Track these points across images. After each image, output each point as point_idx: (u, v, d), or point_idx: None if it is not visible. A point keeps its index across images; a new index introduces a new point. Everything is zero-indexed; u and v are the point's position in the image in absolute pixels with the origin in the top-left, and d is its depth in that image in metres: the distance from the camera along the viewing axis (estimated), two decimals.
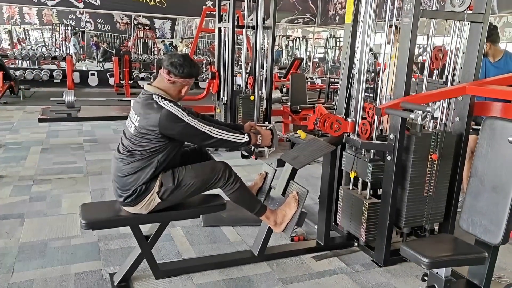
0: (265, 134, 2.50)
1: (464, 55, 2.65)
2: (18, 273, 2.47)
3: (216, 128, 2.29)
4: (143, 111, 2.23)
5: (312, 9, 14.95)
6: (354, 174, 2.74)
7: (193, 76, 2.34)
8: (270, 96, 5.61)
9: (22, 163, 4.59)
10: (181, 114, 2.21)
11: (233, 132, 2.35)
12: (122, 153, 2.29)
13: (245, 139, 2.37)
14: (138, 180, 2.23)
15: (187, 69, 2.28)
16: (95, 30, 20.16)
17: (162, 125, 2.18)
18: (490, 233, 1.97)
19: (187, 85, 2.34)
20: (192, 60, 2.37)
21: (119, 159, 2.29)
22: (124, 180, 2.25)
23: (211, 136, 2.27)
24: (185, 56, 2.34)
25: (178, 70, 2.26)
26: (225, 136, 2.31)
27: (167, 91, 2.30)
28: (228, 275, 2.54)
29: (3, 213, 3.27)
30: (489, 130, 2.05)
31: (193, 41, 10.30)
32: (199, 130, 2.24)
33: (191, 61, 2.34)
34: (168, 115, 2.18)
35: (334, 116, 2.73)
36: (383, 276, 2.60)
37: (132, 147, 2.25)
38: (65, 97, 7.33)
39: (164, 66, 2.30)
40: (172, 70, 2.27)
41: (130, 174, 2.24)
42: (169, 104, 2.21)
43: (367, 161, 2.64)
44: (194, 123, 2.23)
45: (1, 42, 19.51)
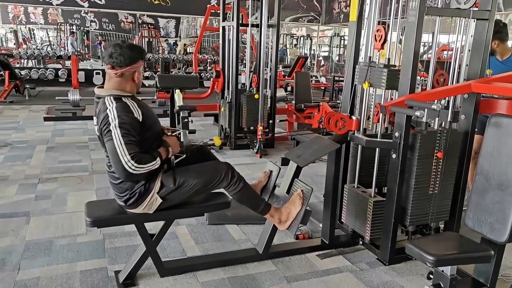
0: (171, 143, 2.28)
1: (469, 52, 2.63)
2: (24, 271, 2.48)
3: (135, 162, 2.03)
4: (98, 118, 2.15)
5: (317, 7, 14.92)
6: (367, 85, 2.63)
7: (138, 59, 2.19)
8: (274, 95, 5.61)
9: (28, 161, 4.62)
10: (114, 123, 2.04)
11: (148, 160, 2.10)
12: (108, 161, 2.24)
13: (157, 163, 2.13)
14: (134, 184, 2.20)
15: (127, 54, 2.14)
16: (100, 29, 20.24)
17: (101, 129, 2.10)
18: (496, 231, 1.96)
19: (135, 71, 2.20)
20: (130, 44, 2.26)
21: (108, 166, 2.26)
22: (120, 186, 2.23)
23: (126, 170, 2.03)
24: (121, 44, 2.18)
25: (119, 59, 2.13)
26: (141, 170, 2.06)
27: (121, 86, 2.18)
28: (233, 273, 2.54)
29: (9, 212, 3.29)
30: (495, 127, 2.04)
31: (197, 40, 10.30)
32: (117, 154, 2.03)
33: (128, 45, 2.22)
34: (105, 119, 2.08)
35: (339, 114, 2.72)
36: (388, 274, 2.59)
37: (107, 154, 2.18)
38: (70, 96, 7.38)
39: (105, 62, 2.18)
40: (115, 63, 2.14)
41: (123, 180, 2.19)
42: (113, 108, 2.08)
43: (381, 68, 2.55)
44: (118, 142, 2.03)
45: (7, 42, 19.62)
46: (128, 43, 2.28)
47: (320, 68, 16.80)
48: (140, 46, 2.27)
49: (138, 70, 2.23)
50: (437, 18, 2.62)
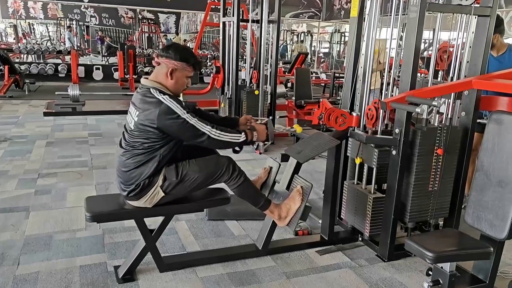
0: (259, 129, 2.45)
1: (470, 49, 2.63)
2: (23, 266, 2.49)
3: (215, 129, 2.23)
4: (142, 106, 2.21)
5: (317, 3, 14.89)
6: (359, 160, 2.71)
7: (178, 59, 2.25)
8: (274, 91, 5.60)
9: (28, 156, 4.61)
10: (180, 110, 2.16)
11: (230, 132, 2.30)
12: (124, 147, 2.28)
13: (242, 138, 2.33)
14: (141, 174, 2.23)
15: (172, 50, 2.27)
16: (100, 24, 20.18)
17: (160, 121, 2.15)
18: (496, 228, 1.96)
19: (175, 70, 2.25)
20: (183, 47, 2.41)
21: (121, 154, 2.28)
22: (128, 174, 2.25)
23: (210, 136, 2.22)
24: (179, 45, 2.35)
25: (164, 51, 2.26)
26: (225, 138, 2.26)
27: (161, 79, 2.27)
28: (232, 268, 2.55)
29: (9, 206, 3.29)
30: (496, 124, 2.03)
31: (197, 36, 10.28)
32: (198, 130, 2.20)
33: (183, 47, 2.37)
34: (166, 111, 2.15)
35: (339, 110, 2.72)
36: (387, 270, 2.60)
37: (133, 141, 2.24)
38: (70, 91, 7.37)
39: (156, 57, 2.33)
40: (160, 53, 2.28)
41: (133, 168, 2.24)
42: (168, 99, 2.17)
43: (373, 147, 2.61)
44: (193, 122, 2.19)
45: (7, 36, 19.57)
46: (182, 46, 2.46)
47: (320, 65, 16.78)
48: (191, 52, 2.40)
49: (178, 70, 2.27)
50: (438, 14, 2.61)
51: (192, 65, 2.30)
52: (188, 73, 2.31)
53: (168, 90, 2.27)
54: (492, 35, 2.59)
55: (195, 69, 2.34)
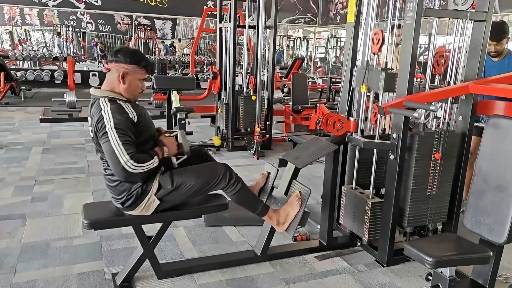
0: (168, 143, 2.26)
1: (467, 54, 2.64)
2: (20, 274, 2.46)
3: (133, 160, 2.02)
4: (92, 119, 2.14)
5: (313, 9, 14.96)
6: (365, 88, 2.64)
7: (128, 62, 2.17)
8: (271, 96, 5.62)
9: (24, 163, 4.59)
10: (109, 123, 2.04)
11: (146, 160, 2.08)
12: (103, 163, 2.24)
13: (155, 162, 2.12)
14: (131, 186, 2.19)
15: (121, 53, 2.19)
16: (96, 30, 20.19)
17: (96, 131, 2.09)
18: (495, 232, 1.96)
19: (125, 72, 2.17)
20: (133, 50, 2.35)
21: (104, 169, 2.25)
22: (117, 188, 2.21)
23: (124, 168, 2.02)
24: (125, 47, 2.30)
25: (113, 55, 2.19)
26: (140, 169, 2.06)
27: (111, 85, 2.19)
28: (230, 275, 2.53)
29: (5, 214, 3.27)
30: (493, 128, 2.04)
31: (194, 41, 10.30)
32: (115, 155, 2.02)
33: (129, 49, 2.32)
34: (98, 120, 2.07)
35: (337, 116, 2.72)
36: (386, 275, 2.59)
37: (103, 156, 2.18)
38: (66, 98, 7.35)
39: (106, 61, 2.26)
40: (109, 58, 2.21)
41: (121, 182, 2.18)
42: (107, 109, 2.08)
43: (379, 71, 2.56)
44: (114, 144, 2.02)
45: (2, 43, 19.54)
46: (132, 49, 2.39)
47: (317, 70, 16.83)
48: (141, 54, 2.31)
49: (129, 74, 2.19)
50: (434, 19, 2.63)
51: (144, 67, 2.23)
52: (140, 76, 2.24)
53: (121, 96, 2.20)
54: (488, 39, 2.61)
55: (147, 71, 2.26)
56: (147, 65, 2.25)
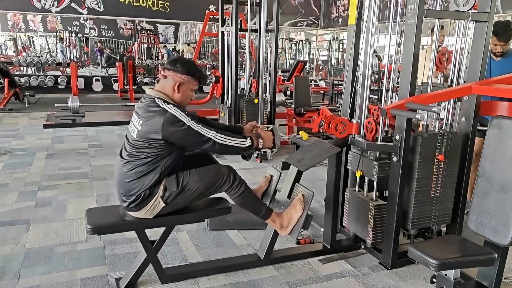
0: (266, 136, 2.46)
1: (469, 54, 2.63)
2: (24, 279, 2.47)
3: (220, 134, 2.25)
4: (146, 115, 2.22)
5: (315, 11, 14.96)
6: (360, 173, 2.72)
7: (185, 72, 2.29)
8: (274, 99, 5.61)
9: (28, 169, 4.60)
10: (185, 118, 2.19)
11: (236, 137, 2.32)
12: (125, 158, 2.28)
13: (247, 143, 2.34)
14: (142, 185, 2.22)
15: (179, 64, 2.30)
16: (99, 36, 20.27)
17: (165, 130, 2.16)
18: (499, 234, 1.94)
19: (182, 83, 2.29)
20: (190, 61, 2.44)
21: (122, 165, 2.28)
22: (129, 185, 2.24)
23: (216, 142, 2.23)
24: (186, 59, 2.39)
25: (172, 65, 2.29)
26: (229, 142, 2.28)
27: (167, 91, 2.29)
28: (234, 279, 2.53)
29: (9, 219, 3.28)
30: (497, 129, 2.03)
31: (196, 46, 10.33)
32: (203, 135, 2.21)
33: (190, 62, 2.41)
34: (171, 119, 2.17)
35: (339, 118, 2.71)
36: (390, 278, 2.58)
37: (135, 152, 2.24)
38: (69, 103, 7.37)
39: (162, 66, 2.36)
40: (167, 66, 2.31)
41: (134, 179, 2.23)
42: (172, 108, 2.20)
43: (373, 160, 2.62)
44: (198, 128, 2.20)
45: (6, 49, 19.65)
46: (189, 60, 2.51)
47: (319, 72, 16.82)
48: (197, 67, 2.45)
49: (184, 84, 2.31)
50: (436, 20, 2.62)
51: (198, 79, 2.36)
52: (193, 87, 2.36)
53: (171, 99, 2.30)
54: (490, 40, 2.60)
55: (200, 82, 2.39)
56: (201, 77, 2.37)
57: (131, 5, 12.49)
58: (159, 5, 12.78)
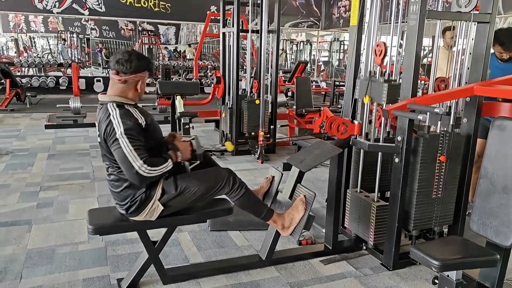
0: (182, 148, 2.28)
1: (471, 55, 2.63)
2: (26, 280, 2.47)
3: (146, 164, 2.05)
4: (100, 124, 2.15)
5: (316, 12, 14.96)
6: (368, 99, 2.64)
7: (142, 69, 2.19)
8: (275, 100, 5.62)
9: (29, 169, 4.61)
10: (119, 129, 2.05)
11: (159, 163, 2.12)
12: (107, 169, 2.26)
13: (170, 165, 2.16)
14: (135, 192, 2.19)
15: (134, 63, 2.15)
16: (100, 36, 20.30)
17: (106, 138, 2.09)
18: (502, 235, 1.94)
19: (140, 80, 2.20)
20: (139, 53, 2.27)
21: (108, 175, 2.26)
22: (121, 194, 2.22)
23: (139, 173, 2.04)
24: (130, 51, 2.21)
25: (125, 66, 2.14)
26: (154, 173, 2.09)
27: (123, 93, 2.18)
28: (236, 279, 2.52)
29: (11, 220, 3.28)
30: (499, 130, 2.03)
31: (197, 46, 10.33)
32: (128, 161, 2.04)
33: (137, 54, 2.23)
34: (108, 128, 2.07)
35: (341, 119, 2.71)
36: (392, 279, 2.57)
37: (109, 163, 2.21)
38: (71, 104, 7.38)
39: (111, 68, 2.19)
40: (119, 69, 2.15)
41: (123, 188, 2.20)
42: (116, 115, 2.08)
43: (382, 82, 2.54)
44: (127, 150, 2.03)
45: (8, 50, 19.68)
46: (137, 52, 2.29)
47: (320, 73, 16.82)
48: (148, 58, 2.31)
49: (143, 80, 2.23)
50: (438, 21, 2.62)
51: (151, 70, 2.26)
52: (146, 79, 2.27)
53: (130, 100, 2.21)
54: (492, 41, 2.60)
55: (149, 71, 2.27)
56: (153, 67, 2.26)
57: (132, 6, 12.50)
58: (160, 6, 12.79)
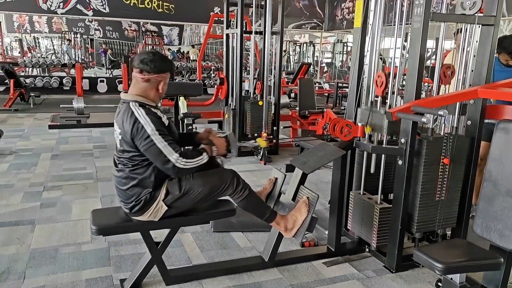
0: (218, 143, 2.35)
1: (475, 58, 2.62)
2: (29, 279, 2.47)
3: (182, 157, 2.12)
4: (122, 123, 2.18)
5: (320, 14, 14.97)
6: (369, 129, 2.66)
7: (165, 70, 2.24)
8: (278, 101, 5.62)
9: (33, 169, 4.62)
10: (151, 128, 2.09)
11: (194, 156, 2.18)
12: (117, 166, 2.27)
13: (205, 159, 2.22)
14: (140, 190, 2.21)
15: (158, 63, 2.20)
16: (103, 37, 20.36)
17: (133, 138, 2.12)
18: (506, 238, 1.93)
19: (162, 81, 2.24)
20: (163, 55, 2.33)
21: (116, 172, 2.28)
22: (127, 192, 2.23)
23: (175, 166, 2.11)
24: (155, 52, 2.27)
25: (149, 66, 2.17)
26: (190, 165, 2.15)
27: (144, 93, 2.21)
28: (238, 281, 2.52)
29: (15, 220, 3.29)
30: (503, 133, 2.02)
31: (201, 47, 10.35)
32: (164, 155, 2.10)
33: (161, 56, 2.28)
34: (138, 128, 2.10)
35: (344, 121, 2.71)
36: (395, 282, 2.57)
37: (123, 160, 2.23)
38: (74, 104, 7.37)
39: (135, 66, 2.21)
40: (143, 68, 2.18)
41: (130, 186, 2.21)
42: (143, 115, 2.12)
43: (383, 114, 2.57)
44: (162, 146, 2.10)
45: (12, 50, 19.76)
46: (161, 53, 2.36)
47: (323, 75, 16.82)
48: (171, 60, 2.41)
49: (164, 81, 2.26)
50: (442, 24, 2.62)
51: (172, 72, 2.32)
52: (168, 79, 2.30)
53: (151, 102, 2.24)
54: (496, 44, 2.59)
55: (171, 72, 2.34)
56: (174, 69, 2.31)
57: (136, 7, 12.53)
58: (164, 7, 12.82)
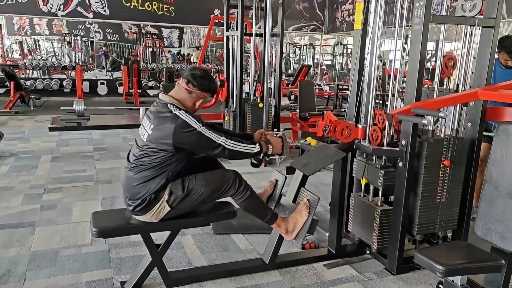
0: (275, 142, 2.48)
1: (475, 60, 2.62)
2: (29, 282, 2.47)
3: (230, 140, 2.27)
4: (157, 120, 2.23)
5: (320, 16, 14.98)
6: (365, 181, 2.72)
7: (210, 90, 2.37)
8: (278, 103, 5.61)
9: (33, 171, 4.62)
10: (196, 124, 2.21)
11: (245, 143, 2.34)
12: (132, 162, 2.29)
13: (256, 149, 2.36)
14: (148, 189, 2.23)
15: (206, 82, 2.33)
16: (104, 39, 20.39)
17: (176, 135, 2.17)
18: (507, 240, 1.93)
19: (202, 99, 2.37)
20: (212, 77, 2.45)
21: (129, 168, 2.29)
22: (135, 189, 2.24)
23: (225, 148, 2.25)
24: (206, 71, 2.42)
25: (198, 81, 2.31)
26: (239, 148, 2.30)
27: (182, 101, 2.32)
28: (239, 283, 2.52)
29: (15, 222, 3.29)
30: (504, 135, 2.02)
31: (201, 50, 10.36)
32: (214, 141, 2.23)
33: (211, 77, 2.41)
34: (183, 125, 2.19)
35: (345, 123, 2.71)
36: (396, 284, 2.56)
37: (143, 156, 2.24)
38: (75, 106, 7.40)
39: (184, 76, 2.34)
40: (191, 80, 2.31)
41: (141, 183, 2.23)
42: (184, 114, 2.22)
43: (378, 168, 2.62)
44: (208, 134, 2.23)
45: (12, 53, 19.79)
46: (211, 75, 2.50)
47: (323, 77, 16.83)
48: (217, 84, 2.57)
49: (204, 99, 2.38)
50: (442, 26, 2.62)
51: (213, 94, 2.48)
52: (206, 99, 2.43)
53: (184, 107, 2.33)
54: (496, 46, 2.59)
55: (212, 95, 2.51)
56: (216, 91, 2.47)
57: (136, 9, 12.54)
58: (164, 9, 12.84)
